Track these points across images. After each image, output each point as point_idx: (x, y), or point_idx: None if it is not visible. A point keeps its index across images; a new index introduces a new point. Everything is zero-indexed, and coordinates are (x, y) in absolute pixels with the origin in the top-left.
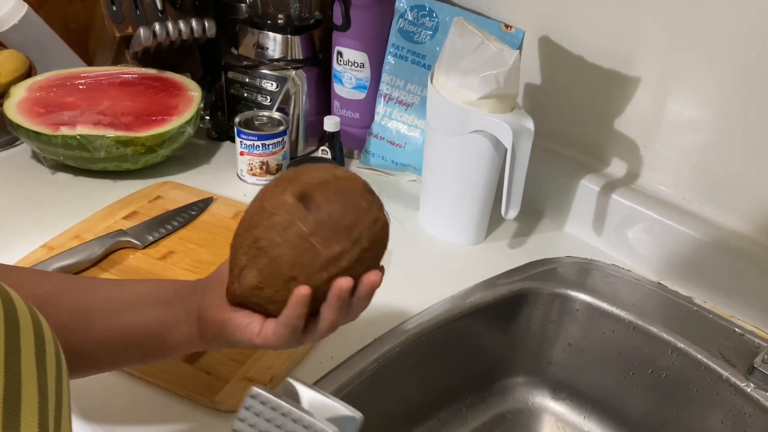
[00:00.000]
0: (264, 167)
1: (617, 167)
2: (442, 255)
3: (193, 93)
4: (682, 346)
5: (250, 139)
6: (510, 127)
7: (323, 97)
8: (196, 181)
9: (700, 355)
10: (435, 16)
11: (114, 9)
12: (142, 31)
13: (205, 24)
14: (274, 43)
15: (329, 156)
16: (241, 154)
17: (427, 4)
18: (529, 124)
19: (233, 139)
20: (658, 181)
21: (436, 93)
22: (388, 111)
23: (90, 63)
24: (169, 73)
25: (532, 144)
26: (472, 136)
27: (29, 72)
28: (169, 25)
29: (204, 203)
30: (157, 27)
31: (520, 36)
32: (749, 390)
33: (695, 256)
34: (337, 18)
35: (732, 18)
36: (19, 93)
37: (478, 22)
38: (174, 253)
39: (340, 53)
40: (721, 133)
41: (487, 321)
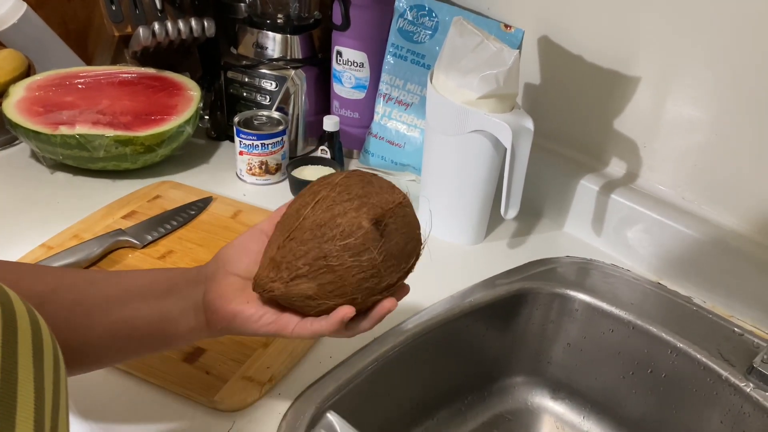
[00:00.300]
0: (263, 167)
1: (617, 167)
2: (441, 255)
3: (193, 92)
4: (682, 346)
5: (250, 139)
6: (509, 127)
7: (323, 97)
8: (195, 181)
9: (699, 355)
10: (434, 15)
11: (113, 8)
12: (141, 30)
13: (205, 23)
14: (273, 43)
15: (328, 156)
16: (240, 153)
17: (427, 4)
18: (529, 124)
19: (232, 139)
20: (657, 181)
21: (436, 93)
22: (387, 111)
23: (89, 62)
24: (169, 73)
25: (532, 144)
26: (471, 136)
27: (28, 71)
28: (169, 25)
29: (203, 203)
30: (157, 26)
31: (519, 36)
32: (748, 390)
33: (694, 255)
34: (337, 17)
35: (731, 18)
36: (18, 92)
37: (478, 22)
38: (173, 253)
39: (339, 53)
40: (720, 133)
41: (487, 321)
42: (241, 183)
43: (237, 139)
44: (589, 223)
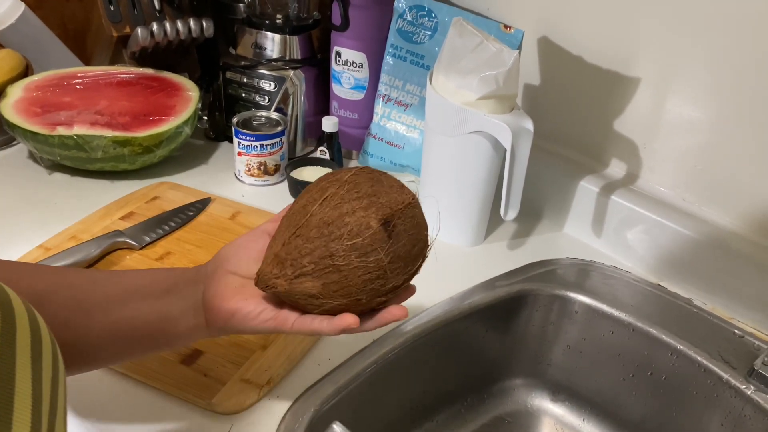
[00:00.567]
0: (262, 168)
1: (616, 168)
2: (440, 256)
3: (191, 93)
4: (682, 348)
5: (248, 140)
6: (509, 128)
7: (322, 98)
8: (193, 182)
9: (699, 357)
10: (434, 16)
11: (112, 8)
12: (139, 30)
13: (203, 24)
14: (272, 43)
15: (327, 157)
16: (239, 154)
17: (426, 5)
18: (529, 125)
19: (231, 140)
20: (657, 182)
21: (435, 93)
22: (386, 111)
23: (87, 63)
24: (167, 73)
25: (532, 144)
26: (471, 137)
27: (26, 71)
28: (167, 25)
29: (201, 204)
30: (155, 27)
31: (519, 36)
32: (749, 392)
33: (695, 257)
34: (336, 18)
35: (731, 18)
36: (15, 93)
37: (477, 23)
38: (171, 254)
39: (338, 53)
40: (720, 134)
41: (486, 322)
42: (240, 184)
43: (236, 139)
44: (589, 225)
